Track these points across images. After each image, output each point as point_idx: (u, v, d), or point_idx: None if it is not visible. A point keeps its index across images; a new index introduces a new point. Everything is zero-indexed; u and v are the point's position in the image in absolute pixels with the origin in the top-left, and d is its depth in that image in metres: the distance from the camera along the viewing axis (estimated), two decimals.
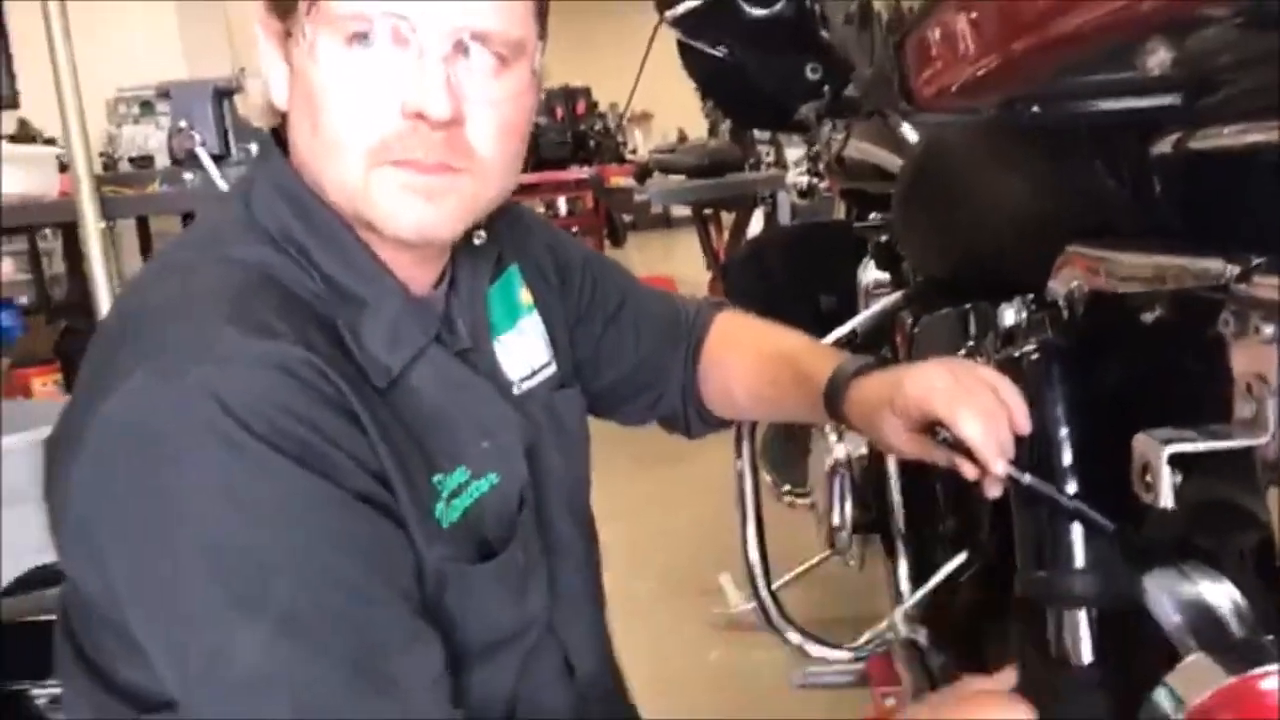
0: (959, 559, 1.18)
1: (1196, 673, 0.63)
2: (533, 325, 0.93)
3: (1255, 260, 0.64)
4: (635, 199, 4.59)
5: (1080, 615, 0.88)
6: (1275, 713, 0.59)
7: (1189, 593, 0.80)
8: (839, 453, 1.40)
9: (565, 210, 7.65)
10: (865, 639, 1.30)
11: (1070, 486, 0.88)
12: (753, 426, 1.59)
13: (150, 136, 3.37)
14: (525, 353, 0.91)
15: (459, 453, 0.78)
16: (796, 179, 2.32)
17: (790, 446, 1.88)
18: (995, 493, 0.86)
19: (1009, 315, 0.96)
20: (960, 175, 1.11)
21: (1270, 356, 0.63)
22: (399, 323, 0.77)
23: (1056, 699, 0.86)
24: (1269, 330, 0.62)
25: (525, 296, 0.93)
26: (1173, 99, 0.66)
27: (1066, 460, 0.89)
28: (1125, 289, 0.80)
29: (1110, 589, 0.86)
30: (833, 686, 2.03)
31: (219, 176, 2.64)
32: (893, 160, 1.44)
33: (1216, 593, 0.79)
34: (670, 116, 8.26)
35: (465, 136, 0.73)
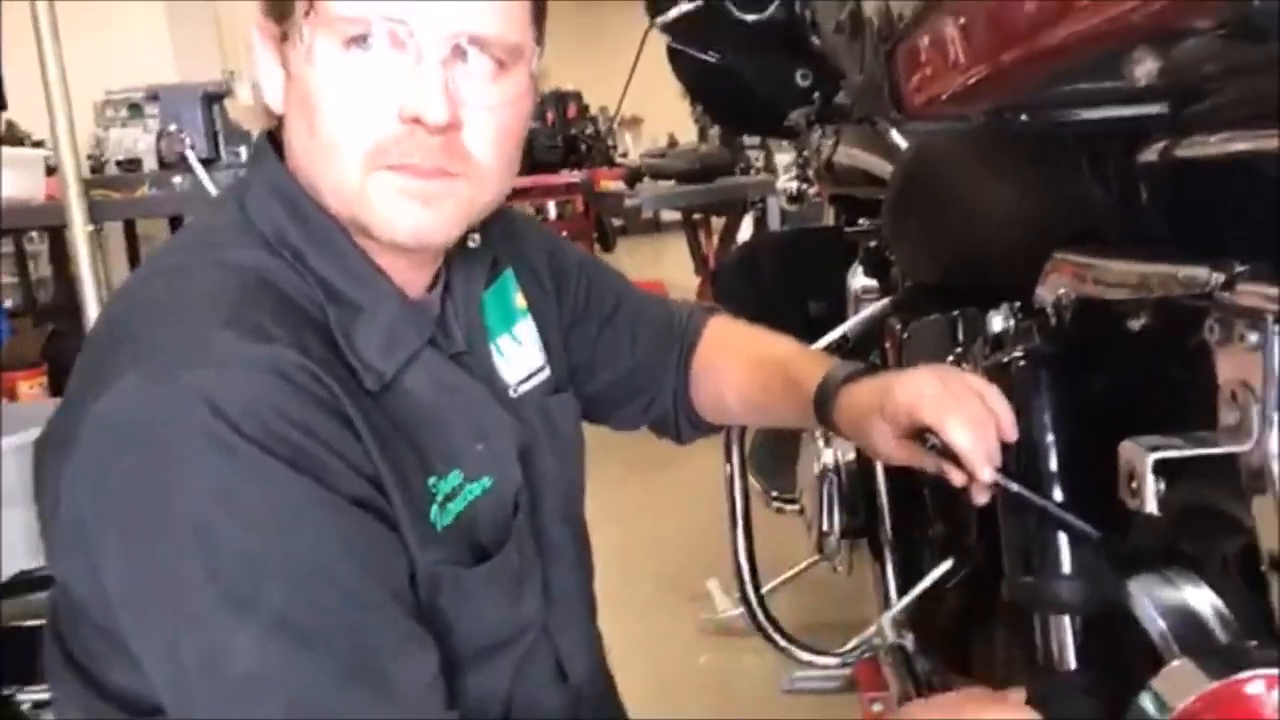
0: (946, 565, 1.18)
1: (1181, 677, 0.64)
2: (528, 329, 0.93)
3: (1239, 268, 0.64)
4: (626, 203, 4.59)
5: (1066, 620, 0.89)
6: (1258, 717, 0.60)
7: (1173, 598, 0.80)
8: (827, 458, 1.41)
9: (555, 214, 7.64)
10: (853, 644, 1.31)
11: (1056, 493, 0.89)
12: (742, 432, 1.59)
13: (138, 139, 3.36)
14: (520, 357, 0.91)
15: (453, 456, 0.78)
16: (786, 184, 2.32)
17: (779, 452, 1.88)
18: (983, 500, 0.87)
19: (997, 322, 0.96)
20: (949, 182, 1.12)
21: (1254, 364, 0.63)
22: (393, 326, 0.77)
23: (1042, 704, 0.86)
24: (1253, 338, 0.63)
25: (520, 300, 0.93)
26: (1159, 108, 0.66)
27: (1053, 467, 0.89)
28: (1112, 296, 0.80)
29: (1095, 595, 0.87)
30: (821, 692, 2.04)
31: (208, 180, 2.63)
32: (882, 166, 1.45)
33: (1200, 598, 0.80)
34: (660, 121, 8.26)
35: (462, 141, 0.73)
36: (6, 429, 2.20)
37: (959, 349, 1.12)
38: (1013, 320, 0.96)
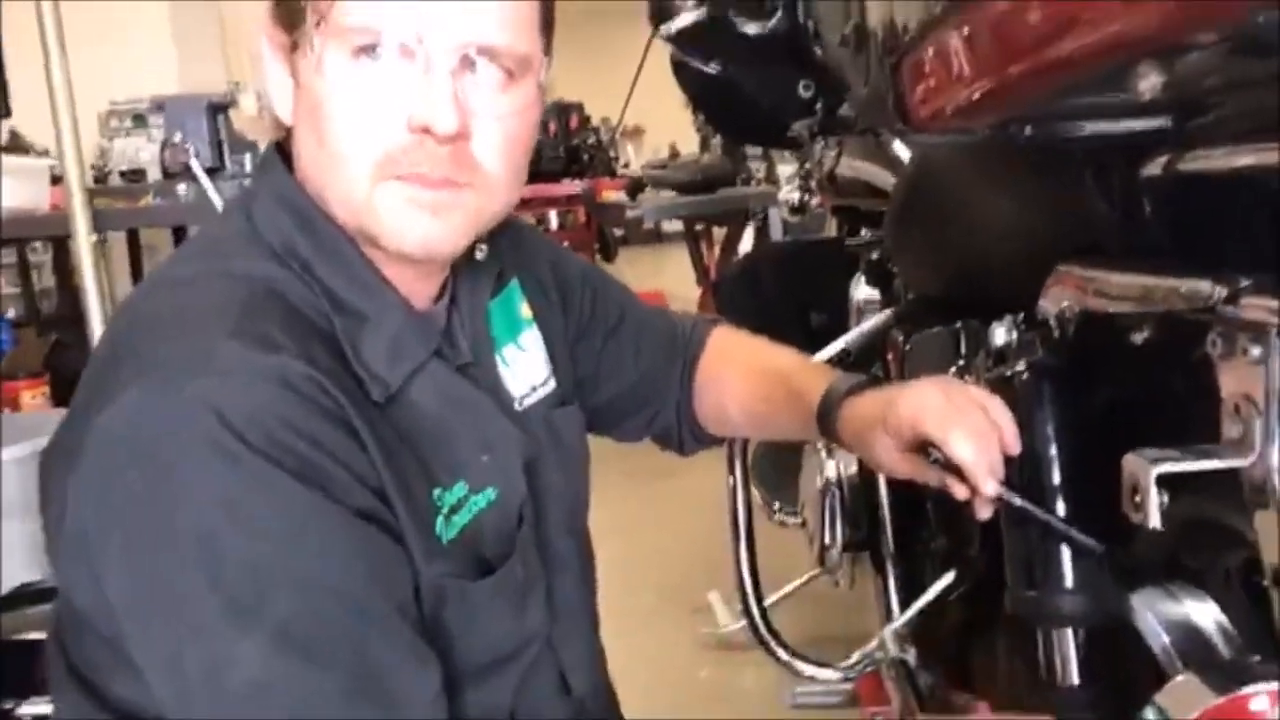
0: (948, 578, 1.18)
1: (1185, 692, 0.64)
2: (533, 339, 0.93)
3: (1243, 282, 0.64)
4: (628, 214, 4.60)
5: (1069, 634, 0.89)
6: None
7: (1176, 613, 0.80)
8: (830, 471, 1.41)
9: (556, 224, 7.66)
10: (855, 659, 1.30)
11: (1059, 506, 0.88)
12: (745, 444, 1.59)
13: (142, 149, 3.37)
14: (526, 368, 0.91)
15: (459, 468, 0.78)
16: (789, 195, 2.33)
17: (781, 464, 1.88)
18: (985, 513, 0.87)
19: (1000, 334, 0.96)
20: (953, 194, 1.12)
21: (1257, 377, 0.63)
22: (400, 337, 0.77)
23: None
24: (1256, 351, 0.63)
25: (526, 310, 0.93)
26: (1163, 121, 0.66)
27: (1056, 480, 0.89)
28: (1115, 309, 0.81)
29: (1098, 609, 0.87)
30: (823, 706, 2.03)
31: (213, 190, 2.64)
32: (885, 178, 1.45)
33: (1203, 613, 0.80)
34: (662, 131, 8.28)
35: (471, 151, 0.74)
36: (9, 439, 2.20)
37: (961, 361, 1.12)
38: (1015, 333, 0.96)
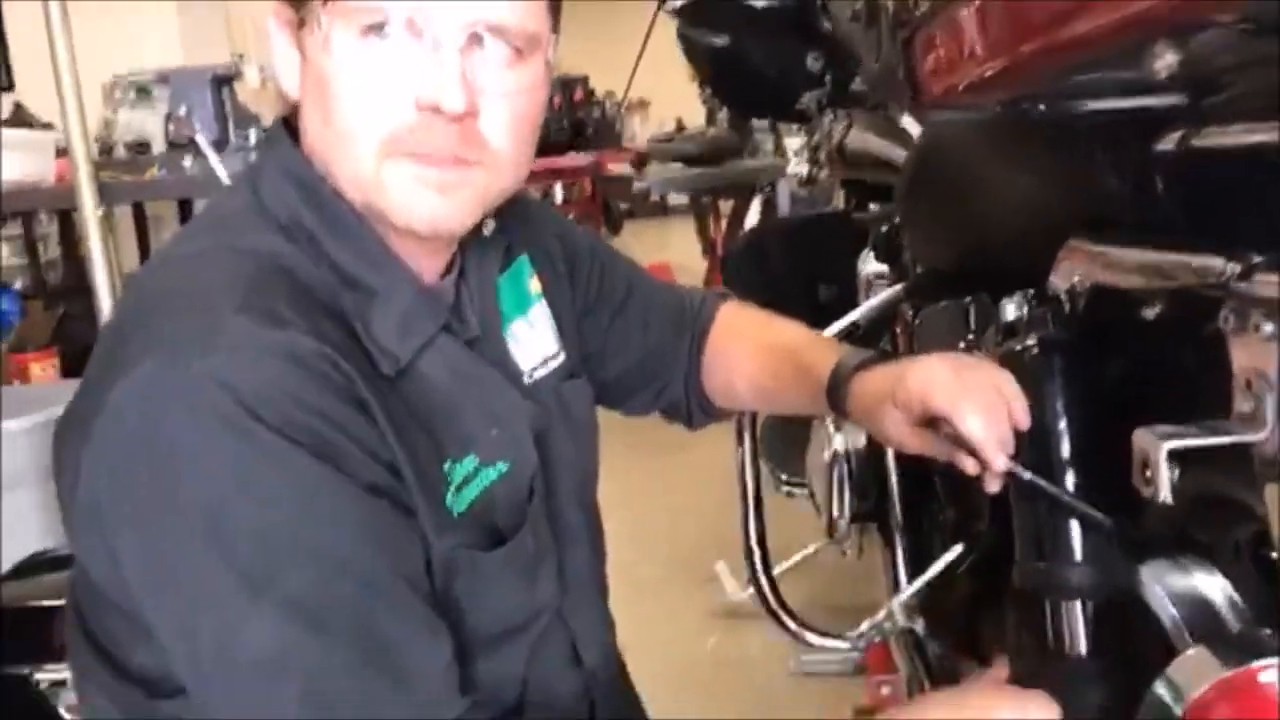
0: (957, 550, 1.19)
1: (1196, 665, 0.64)
2: (542, 313, 0.93)
3: (1256, 258, 0.64)
4: (634, 187, 4.59)
5: (1077, 607, 0.89)
6: (1273, 705, 0.60)
7: (1185, 586, 0.80)
8: (838, 443, 1.41)
9: (562, 198, 7.64)
10: (864, 628, 1.31)
11: (1069, 481, 0.89)
12: (754, 417, 1.59)
13: (147, 121, 3.37)
14: (535, 342, 0.91)
15: (469, 440, 0.78)
16: (797, 168, 2.32)
17: (788, 437, 1.89)
18: (995, 487, 0.87)
19: (1010, 309, 0.96)
20: (964, 168, 1.12)
21: (1269, 353, 0.64)
22: (409, 311, 0.77)
23: (1052, 690, 0.87)
24: (1269, 328, 0.63)
25: (535, 285, 0.94)
26: (1177, 98, 0.66)
27: (1065, 454, 0.89)
28: (1126, 284, 0.81)
29: (1107, 582, 0.87)
30: (829, 674, 2.05)
31: (218, 163, 2.63)
32: (895, 151, 1.45)
33: (1212, 586, 0.80)
34: (668, 104, 8.23)
35: (479, 129, 0.74)
36: (20, 411, 2.22)
37: (971, 336, 1.12)
38: (1026, 308, 0.96)
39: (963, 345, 1.09)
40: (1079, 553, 0.88)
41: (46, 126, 4.10)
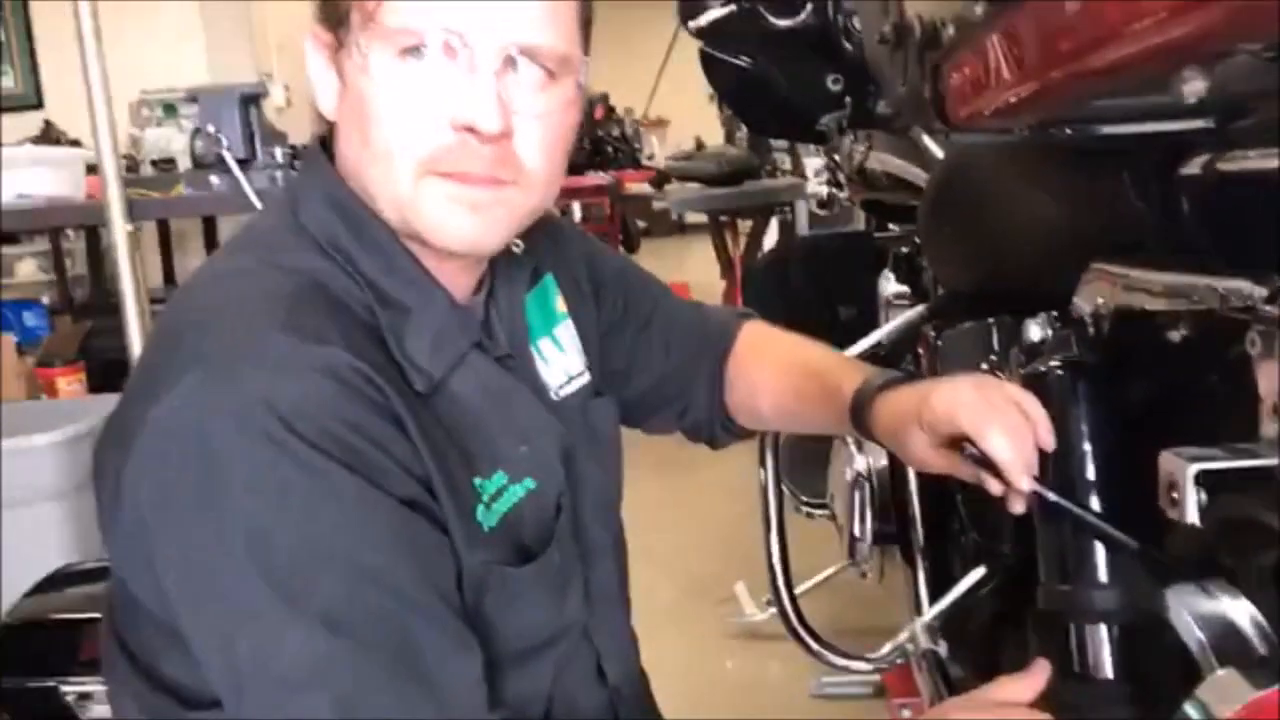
0: (979, 572, 1.19)
1: (1226, 686, 0.64)
2: (568, 333, 0.94)
3: None
4: (654, 206, 4.61)
5: (1101, 630, 0.89)
6: None
7: (1211, 609, 0.80)
8: (860, 464, 1.41)
9: (580, 216, 7.66)
10: (886, 650, 1.31)
11: (1094, 502, 0.89)
12: (776, 437, 1.59)
13: (173, 139, 3.40)
14: (561, 360, 0.92)
15: (498, 457, 0.79)
16: (816, 189, 2.33)
17: (808, 457, 1.89)
18: (1019, 508, 0.87)
19: (1034, 331, 0.97)
20: (988, 190, 1.12)
21: None
22: (442, 329, 0.78)
23: (1076, 713, 0.86)
24: None
25: (561, 304, 0.95)
26: (1203, 122, 0.67)
27: (1090, 476, 0.90)
28: (1151, 307, 0.81)
29: (1132, 604, 0.87)
30: (849, 697, 2.04)
31: (245, 181, 2.66)
32: (916, 172, 1.45)
33: (1238, 610, 0.80)
34: (686, 123, 8.27)
35: (514, 149, 0.75)
36: (47, 425, 2.24)
37: (994, 357, 1.12)
38: (1050, 330, 0.96)
39: (986, 366, 1.10)
40: (1104, 575, 0.88)
41: (74, 144, 4.15)
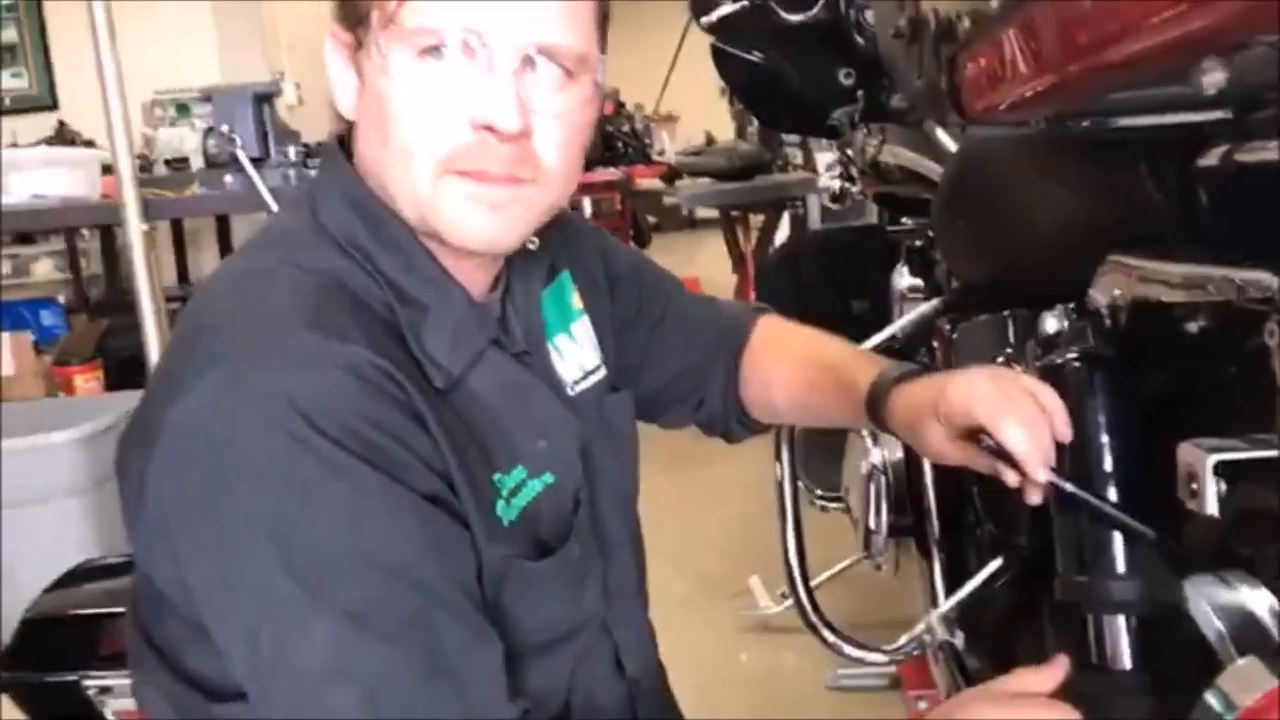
0: (996, 563, 1.19)
1: (1247, 675, 0.64)
2: (584, 329, 0.95)
3: None
4: (665, 201, 4.60)
5: (1119, 620, 0.89)
6: None
7: (1230, 600, 0.80)
8: (875, 457, 1.41)
9: (591, 212, 7.65)
10: (902, 641, 1.31)
11: (1111, 493, 0.89)
12: (792, 430, 1.60)
13: (186, 139, 3.42)
14: (577, 356, 0.92)
15: (516, 453, 0.80)
16: (828, 183, 2.33)
17: (822, 450, 1.89)
18: (1036, 500, 0.87)
19: (1050, 323, 0.97)
20: (1003, 183, 1.12)
21: None
22: (460, 326, 0.79)
23: (1093, 703, 0.86)
24: None
25: (577, 300, 0.95)
26: (1222, 113, 0.67)
27: (1108, 467, 0.90)
28: (1169, 298, 0.81)
29: (1150, 595, 0.87)
30: (864, 689, 2.05)
31: (259, 180, 2.68)
32: (929, 166, 1.45)
33: (1257, 600, 0.80)
34: (697, 118, 8.26)
35: (532, 148, 0.75)
36: (65, 423, 2.26)
37: (1009, 350, 1.12)
38: (1066, 322, 0.96)
39: (1001, 359, 1.10)
40: (1121, 566, 0.88)
41: (88, 144, 4.18)
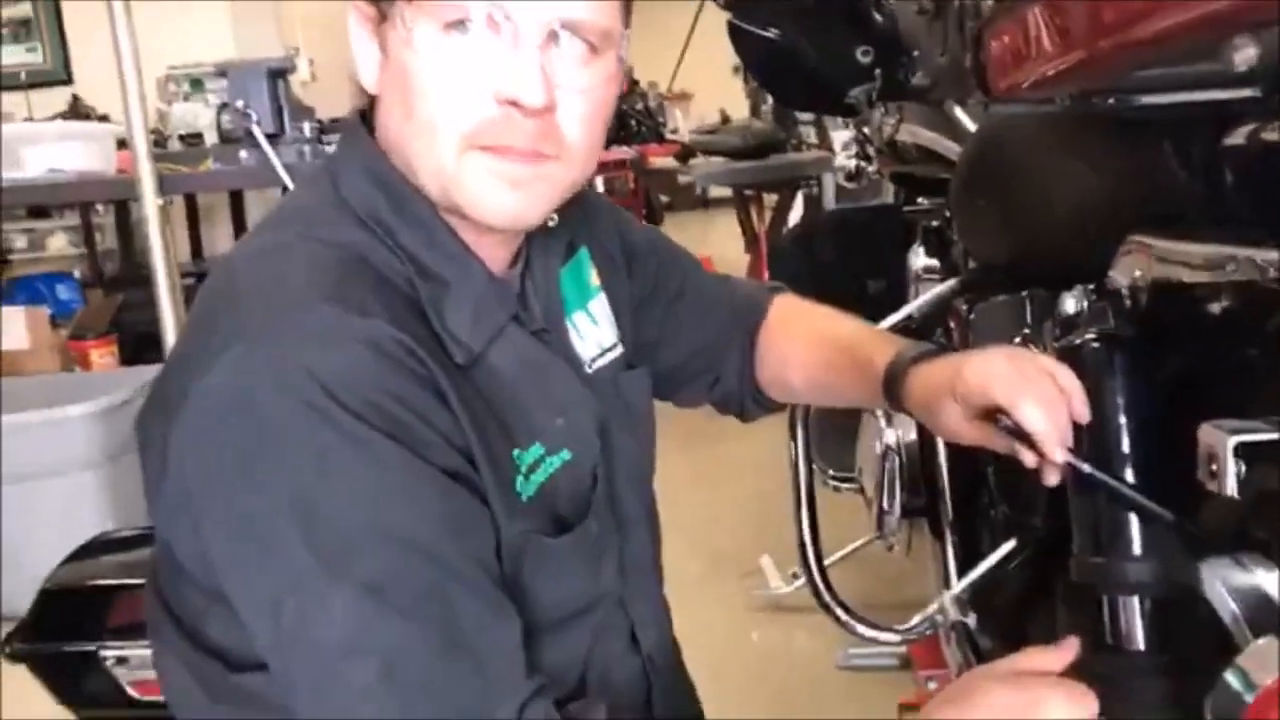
0: (1010, 544, 1.19)
1: (1267, 655, 0.64)
2: (602, 306, 0.95)
3: None
4: (679, 180, 4.58)
5: (1135, 601, 0.89)
6: None
7: (1246, 582, 0.80)
8: (889, 437, 1.41)
9: (604, 190, 7.63)
10: (915, 621, 1.31)
11: (1128, 474, 0.89)
12: (806, 410, 1.60)
13: (200, 114, 3.42)
14: (595, 333, 0.92)
15: (535, 429, 0.80)
16: (844, 162, 2.32)
17: (835, 430, 1.89)
18: (1053, 480, 0.87)
19: (1069, 304, 0.96)
20: (1022, 162, 1.11)
21: None
22: (481, 302, 0.79)
23: (1107, 684, 0.86)
24: None
25: (595, 278, 0.95)
26: (1249, 91, 0.66)
27: (1125, 448, 0.89)
28: (1190, 279, 0.80)
29: (1165, 576, 0.87)
30: (874, 669, 2.05)
31: (274, 155, 2.68)
32: (948, 145, 1.44)
33: (1273, 582, 0.80)
34: (711, 96, 8.21)
35: (556, 123, 0.75)
36: (81, 397, 2.28)
37: (1027, 330, 1.12)
38: (1085, 302, 0.96)
39: (1019, 339, 1.09)
40: (1138, 547, 0.88)
41: (102, 119, 4.19)
